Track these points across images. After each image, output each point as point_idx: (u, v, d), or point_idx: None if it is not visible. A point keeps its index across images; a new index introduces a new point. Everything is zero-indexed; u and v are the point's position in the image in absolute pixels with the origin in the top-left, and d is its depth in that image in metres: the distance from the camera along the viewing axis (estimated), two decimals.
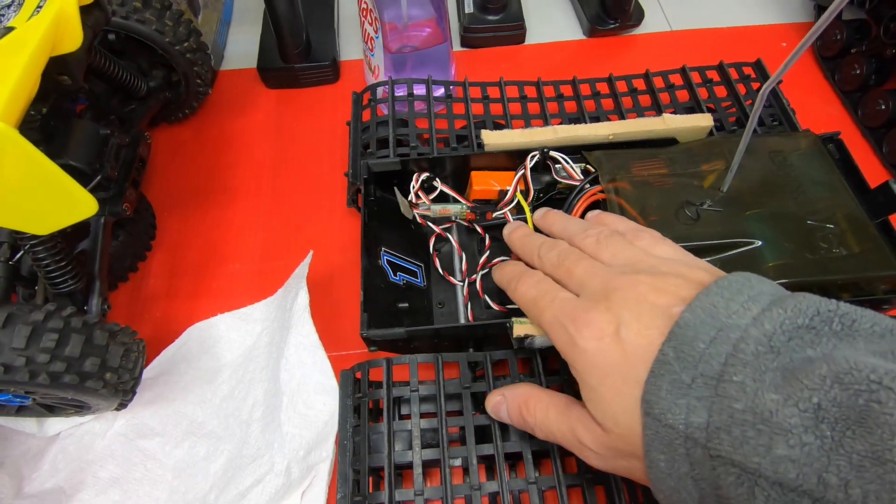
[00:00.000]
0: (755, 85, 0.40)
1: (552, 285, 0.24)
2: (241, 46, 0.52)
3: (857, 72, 0.45)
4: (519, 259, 0.29)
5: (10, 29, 0.22)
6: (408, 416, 0.28)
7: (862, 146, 0.45)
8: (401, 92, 0.39)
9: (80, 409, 0.31)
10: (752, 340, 0.18)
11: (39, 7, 0.23)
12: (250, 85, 0.49)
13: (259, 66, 0.47)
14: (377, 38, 0.40)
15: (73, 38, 0.20)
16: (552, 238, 0.27)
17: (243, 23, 0.54)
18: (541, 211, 0.30)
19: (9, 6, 0.24)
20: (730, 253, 0.28)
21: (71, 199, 0.18)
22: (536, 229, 0.30)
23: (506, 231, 0.30)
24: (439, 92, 0.40)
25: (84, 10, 0.25)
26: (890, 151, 0.43)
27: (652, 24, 0.52)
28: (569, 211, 0.31)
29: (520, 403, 0.24)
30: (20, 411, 0.30)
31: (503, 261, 0.32)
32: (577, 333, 0.21)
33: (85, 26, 0.24)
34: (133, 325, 0.31)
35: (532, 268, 0.27)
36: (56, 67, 0.22)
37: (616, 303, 0.21)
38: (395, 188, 0.33)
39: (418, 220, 0.34)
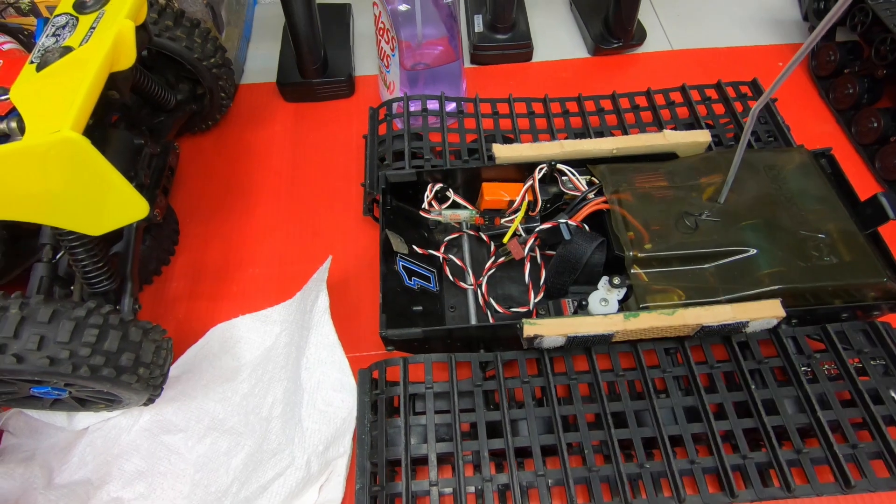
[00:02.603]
0: (751, 103, 0.42)
1: None
2: (260, 62, 0.54)
3: (851, 91, 0.48)
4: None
5: (68, 48, 0.24)
6: (422, 413, 0.30)
7: (855, 162, 0.47)
8: (414, 107, 0.41)
9: (111, 403, 0.32)
10: None
11: (93, 28, 0.25)
12: (269, 98, 0.51)
13: (278, 80, 0.50)
14: (393, 56, 0.43)
15: (128, 58, 0.22)
16: None
17: (262, 40, 0.56)
18: None
19: (63, 27, 0.26)
20: (726, 260, 0.30)
21: (127, 202, 0.19)
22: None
23: None
24: (451, 107, 0.42)
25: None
26: (882, 167, 0.45)
27: (654, 43, 0.55)
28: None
29: None
30: (54, 405, 0.32)
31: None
32: None
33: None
34: (158, 324, 0.33)
35: None
36: (108, 84, 0.24)
37: None
38: (386, 230, 0.34)
39: (415, 249, 0.35)
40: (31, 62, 0.24)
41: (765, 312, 0.28)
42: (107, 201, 0.20)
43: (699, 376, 0.30)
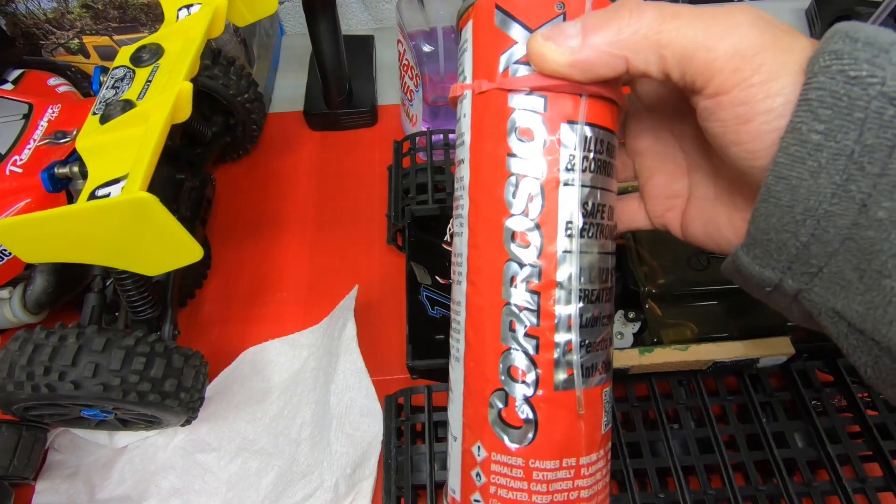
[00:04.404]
0: None
1: None
2: (287, 91, 0.56)
3: None
4: None
5: (128, 101, 0.26)
6: (445, 439, 0.31)
7: None
8: (436, 139, 0.43)
9: (151, 424, 0.34)
10: None
11: (149, 81, 0.28)
12: (296, 127, 0.53)
13: (305, 110, 0.52)
14: (417, 91, 0.45)
15: (185, 112, 0.24)
16: None
17: (288, 69, 0.59)
18: None
19: (122, 79, 0.28)
20: (736, 297, 0.31)
21: (184, 248, 0.21)
22: None
23: None
24: None
25: None
26: None
27: None
28: None
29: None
30: (99, 425, 0.34)
31: None
32: None
33: None
34: (191, 347, 0.35)
35: None
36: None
37: None
38: (411, 261, 0.37)
39: (437, 279, 0.37)
40: (94, 113, 0.27)
41: (775, 349, 0.29)
42: (166, 247, 0.22)
43: (711, 408, 0.31)
